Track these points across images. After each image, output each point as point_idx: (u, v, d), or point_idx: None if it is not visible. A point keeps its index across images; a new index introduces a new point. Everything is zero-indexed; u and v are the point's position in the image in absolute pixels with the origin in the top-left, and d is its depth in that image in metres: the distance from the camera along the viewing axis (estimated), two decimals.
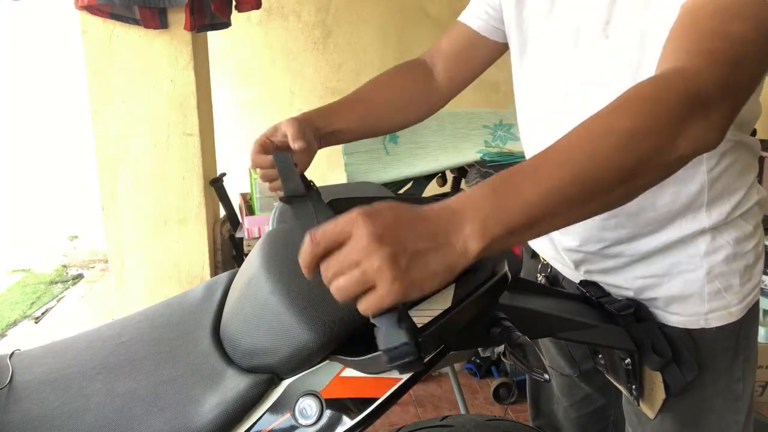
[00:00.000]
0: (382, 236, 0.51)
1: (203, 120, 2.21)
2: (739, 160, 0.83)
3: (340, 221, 0.53)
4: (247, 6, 2.12)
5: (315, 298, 0.70)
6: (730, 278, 0.84)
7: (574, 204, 0.57)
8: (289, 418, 0.70)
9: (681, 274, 0.85)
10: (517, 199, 0.55)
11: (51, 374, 0.78)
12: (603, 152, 0.57)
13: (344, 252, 0.52)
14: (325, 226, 0.53)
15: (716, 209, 0.82)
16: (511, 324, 0.71)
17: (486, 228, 0.54)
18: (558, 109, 0.88)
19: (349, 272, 0.52)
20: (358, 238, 0.51)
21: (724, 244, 0.83)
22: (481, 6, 1.00)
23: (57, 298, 3.37)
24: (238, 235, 2.30)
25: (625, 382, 0.89)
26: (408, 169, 2.22)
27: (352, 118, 0.98)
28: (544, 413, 1.24)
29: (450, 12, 3.56)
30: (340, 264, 0.52)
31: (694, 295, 0.85)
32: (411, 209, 0.55)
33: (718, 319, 0.85)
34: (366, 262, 0.51)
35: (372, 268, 0.51)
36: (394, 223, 0.52)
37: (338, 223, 0.53)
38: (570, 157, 0.57)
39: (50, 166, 3.66)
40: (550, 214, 0.56)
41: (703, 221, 0.82)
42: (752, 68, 0.64)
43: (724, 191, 0.82)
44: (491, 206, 0.54)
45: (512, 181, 0.56)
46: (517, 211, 0.55)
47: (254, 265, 0.78)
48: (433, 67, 1.06)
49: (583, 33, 0.82)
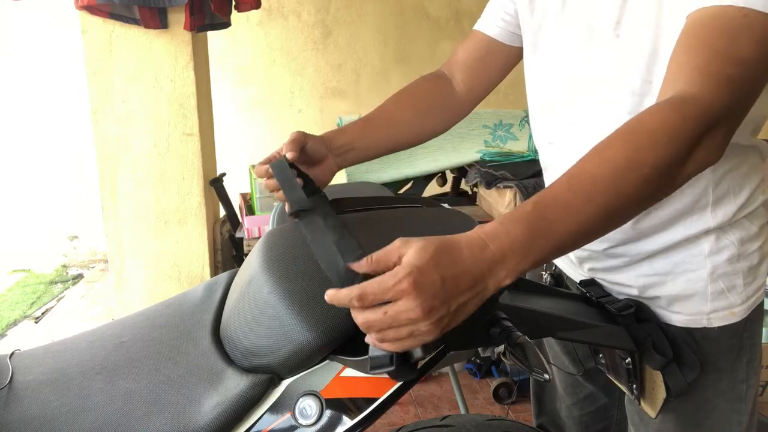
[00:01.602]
0: (432, 307, 0.56)
1: (203, 120, 2.21)
2: (745, 162, 0.83)
3: (387, 280, 0.56)
4: (246, 6, 2.12)
5: (315, 298, 0.70)
6: (734, 278, 0.84)
7: (597, 233, 0.64)
8: (289, 418, 0.70)
9: (684, 274, 0.85)
10: (551, 238, 0.61)
11: (51, 374, 0.77)
12: (629, 189, 0.62)
13: (394, 315, 0.56)
14: (373, 283, 0.56)
15: (721, 209, 0.83)
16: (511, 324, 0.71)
17: (519, 268, 0.60)
18: (565, 101, 0.89)
19: (398, 329, 0.56)
20: (410, 310, 0.55)
21: (729, 245, 0.83)
22: (497, 13, 1.00)
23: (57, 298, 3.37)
24: (238, 235, 2.30)
25: (625, 382, 0.89)
26: (408, 169, 2.22)
27: (373, 140, 0.99)
28: (547, 411, 1.24)
29: (450, 12, 3.56)
30: (390, 324, 0.56)
31: (697, 294, 0.84)
32: (453, 262, 0.58)
33: (721, 319, 0.85)
34: (415, 325, 0.56)
35: (421, 330, 0.56)
36: (441, 287, 0.56)
37: (386, 283, 0.56)
38: (597, 193, 0.62)
39: (50, 166, 3.66)
40: (574, 245, 0.64)
41: (708, 221, 0.83)
42: (757, 89, 0.68)
43: (730, 191, 0.83)
44: (527, 247, 0.60)
45: (547, 218, 0.61)
46: (549, 248, 0.61)
47: (254, 265, 0.78)
48: (452, 78, 1.06)
49: (595, 30, 0.83)
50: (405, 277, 0.55)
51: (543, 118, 0.94)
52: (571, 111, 0.88)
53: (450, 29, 3.56)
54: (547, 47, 0.91)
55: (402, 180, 2.27)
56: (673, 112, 0.64)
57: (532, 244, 0.60)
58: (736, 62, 0.65)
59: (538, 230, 0.60)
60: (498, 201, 2.14)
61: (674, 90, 0.66)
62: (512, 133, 2.33)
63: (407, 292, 0.55)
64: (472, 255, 0.58)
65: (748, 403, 0.89)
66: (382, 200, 0.98)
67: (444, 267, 0.57)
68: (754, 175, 0.85)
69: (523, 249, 0.59)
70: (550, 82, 0.92)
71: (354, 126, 0.99)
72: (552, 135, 0.93)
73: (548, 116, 0.93)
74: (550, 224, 0.60)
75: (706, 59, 0.66)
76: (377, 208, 0.95)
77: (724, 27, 0.66)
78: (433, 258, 0.57)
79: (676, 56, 0.69)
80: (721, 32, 0.66)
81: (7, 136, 3.62)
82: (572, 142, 0.88)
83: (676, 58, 0.69)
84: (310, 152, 0.90)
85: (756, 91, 0.68)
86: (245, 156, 3.05)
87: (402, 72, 3.57)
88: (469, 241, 0.59)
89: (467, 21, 3.50)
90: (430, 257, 0.56)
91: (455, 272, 0.57)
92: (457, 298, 0.57)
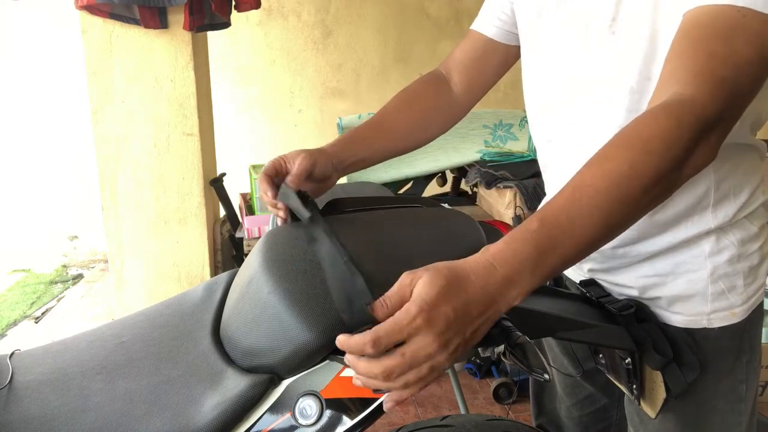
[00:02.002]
0: (448, 339, 0.56)
1: (203, 120, 2.21)
2: (744, 161, 0.83)
3: (400, 319, 0.55)
4: (246, 6, 2.12)
5: (315, 298, 0.70)
6: (734, 279, 0.84)
7: (602, 242, 0.65)
8: (289, 418, 0.70)
9: (685, 274, 0.85)
10: (558, 254, 0.61)
11: (51, 374, 0.77)
12: (630, 198, 0.63)
13: (413, 355, 0.56)
14: (385, 325, 0.56)
15: (722, 210, 0.83)
16: (511, 324, 0.71)
17: (529, 286, 0.60)
18: (563, 100, 0.88)
19: (419, 368, 0.56)
20: (427, 345, 0.56)
21: (729, 245, 0.83)
22: (494, 13, 1.00)
23: (57, 298, 3.37)
24: (238, 235, 2.30)
25: (625, 382, 0.89)
26: (408, 169, 2.22)
27: (376, 147, 1.01)
28: (547, 411, 1.24)
29: (450, 12, 3.56)
30: (410, 365, 0.56)
31: (698, 295, 0.84)
32: (463, 290, 0.57)
33: (722, 319, 0.85)
34: (434, 359, 0.56)
35: (439, 362, 0.57)
36: (454, 318, 0.56)
37: (400, 322, 0.55)
38: (600, 203, 0.63)
39: (50, 166, 3.66)
40: (580, 256, 0.64)
41: (709, 222, 0.83)
42: (754, 90, 0.68)
43: (730, 192, 0.83)
44: (536, 266, 0.60)
45: (553, 235, 0.61)
46: (557, 264, 0.62)
47: (254, 265, 0.78)
48: (450, 78, 1.07)
49: (591, 28, 0.83)
50: (418, 314, 0.55)
51: (542, 118, 0.94)
52: (570, 111, 0.88)
53: (450, 29, 3.56)
54: (544, 46, 0.91)
55: (402, 180, 2.27)
56: (668, 117, 0.64)
57: (540, 263, 0.60)
58: (731, 65, 0.65)
59: (545, 248, 0.60)
60: (498, 201, 2.14)
61: (669, 92, 0.66)
62: (512, 133, 2.33)
63: (421, 328, 0.55)
64: (481, 281, 0.58)
65: (748, 404, 0.89)
66: (382, 200, 0.98)
67: (454, 297, 0.57)
68: (754, 176, 0.85)
69: (532, 268, 0.60)
70: (548, 82, 0.91)
71: (357, 134, 1.00)
72: (551, 134, 0.93)
73: (547, 116, 0.93)
74: (556, 241, 0.61)
75: (701, 62, 0.66)
76: (377, 208, 0.95)
77: (720, 28, 0.66)
78: (443, 289, 0.56)
79: (671, 58, 0.69)
80: (716, 34, 0.66)
81: (7, 136, 3.62)
82: (571, 141, 0.88)
83: (672, 60, 0.69)
84: (318, 175, 0.91)
85: (752, 93, 0.68)
86: (245, 156, 3.05)
87: (402, 72, 3.57)
88: (476, 266, 0.59)
89: (467, 21, 3.50)
90: (440, 289, 0.56)
91: (466, 300, 0.57)
92: (471, 325, 0.58)
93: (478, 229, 0.80)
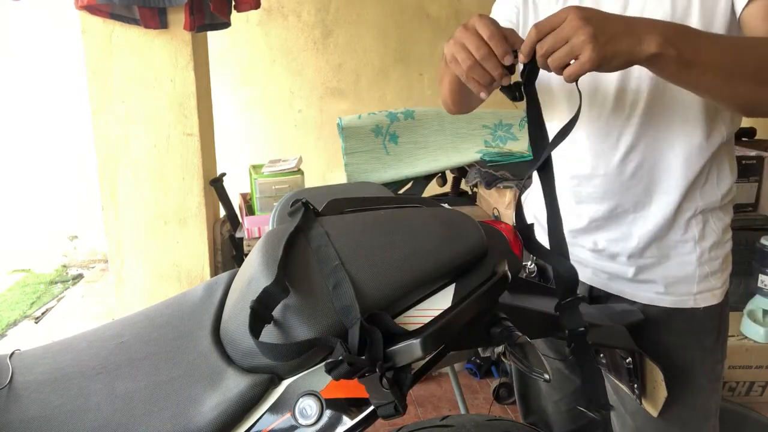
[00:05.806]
0: (589, 19, 0.69)
1: (203, 120, 2.21)
2: (727, 157, 0.95)
3: (554, 14, 0.71)
4: (246, 6, 2.12)
5: (315, 298, 0.70)
6: (715, 263, 0.96)
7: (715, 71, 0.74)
8: (289, 418, 0.70)
9: (678, 257, 0.95)
10: (688, 37, 0.73)
11: (51, 374, 0.77)
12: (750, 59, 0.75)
13: (558, 31, 0.70)
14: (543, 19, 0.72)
15: (708, 193, 0.94)
16: (511, 324, 0.71)
17: (662, 41, 0.70)
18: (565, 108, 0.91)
19: (561, 47, 0.70)
20: (571, 20, 0.69)
21: (711, 233, 0.95)
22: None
23: (57, 298, 3.37)
24: (238, 235, 2.29)
25: (627, 381, 0.90)
26: (408, 169, 2.22)
27: None
28: (534, 409, 1.27)
29: (450, 12, 3.56)
30: (555, 39, 0.70)
31: (688, 276, 0.95)
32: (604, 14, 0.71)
33: (706, 299, 0.96)
34: (575, 38, 0.68)
35: (579, 41, 0.68)
36: (597, 12, 0.70)
37: (553, 15, 0.71)
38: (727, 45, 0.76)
39: (50, 166, 3.66)
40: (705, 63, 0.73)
41: (696, 200, 0.93)
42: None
43: (718, 180, 0.95)
44: (672, 32, 0.72)
45: (683, 26, 0.76)
46: (686, 43, 0.72)
47: (254, 265, 0.78)
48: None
49: None
50: (568, 8, 0.70)
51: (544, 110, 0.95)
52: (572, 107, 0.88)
53: (450, 29, 3.54)
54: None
55: (402, 180, 2.27)
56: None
57: (675, 29, 0.72)
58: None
59: (681, 29, 0.73)
60: (498, 201, 2.14)
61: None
62: (512, 133, 2.33)
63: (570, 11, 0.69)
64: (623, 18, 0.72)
65: (720, 384, 1.00)
66: (382, 200, 0.97)
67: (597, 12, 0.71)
68: (732, 175, 0.96)
69: (668, 32, 0.71)
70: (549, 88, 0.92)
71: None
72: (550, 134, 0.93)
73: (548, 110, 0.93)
74: (687, 30, 0.74)
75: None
76: (377, 208, 0.95)
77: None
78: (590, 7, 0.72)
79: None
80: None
81: (7, 136, 3.62)
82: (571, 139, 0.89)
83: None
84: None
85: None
86: (245, 156, 3.05)
87: (402, 72, 3.57)
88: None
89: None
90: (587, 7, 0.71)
91: (612, 13, 0.71)
92: (612, 26, 0.69)
93: (478, 229, 0.80)
